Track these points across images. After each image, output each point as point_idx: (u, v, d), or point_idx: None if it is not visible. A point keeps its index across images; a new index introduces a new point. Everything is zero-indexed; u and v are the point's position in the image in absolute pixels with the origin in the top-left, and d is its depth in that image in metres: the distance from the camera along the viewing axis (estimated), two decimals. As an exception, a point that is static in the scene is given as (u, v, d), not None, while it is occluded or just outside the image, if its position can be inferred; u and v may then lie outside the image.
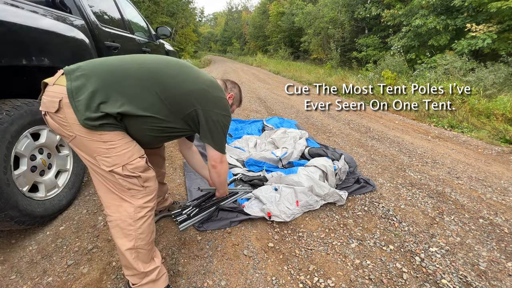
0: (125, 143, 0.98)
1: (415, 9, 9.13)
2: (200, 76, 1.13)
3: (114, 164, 0.96)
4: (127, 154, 0.98)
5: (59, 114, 0.92)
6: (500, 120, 3.87)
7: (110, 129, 0.94)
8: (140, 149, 1.05)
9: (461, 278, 1.33)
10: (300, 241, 1.57)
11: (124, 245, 1.02)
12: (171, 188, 2.12)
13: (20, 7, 1.48)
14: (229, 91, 1.42)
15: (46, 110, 0.95)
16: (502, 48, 6.92)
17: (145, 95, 0.98)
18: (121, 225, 1.01)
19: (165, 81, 1.02)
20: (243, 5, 59.61)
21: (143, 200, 1.03)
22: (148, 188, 1.05)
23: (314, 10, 18.04)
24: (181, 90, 1.04)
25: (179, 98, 1.05)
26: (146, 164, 1.04)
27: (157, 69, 1.03)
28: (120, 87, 0.95)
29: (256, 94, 6.53)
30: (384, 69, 7.64)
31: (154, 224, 1.10)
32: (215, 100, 1.13)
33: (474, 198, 2.08)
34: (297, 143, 2.65)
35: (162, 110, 1.02)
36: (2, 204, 1.28)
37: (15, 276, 1.29)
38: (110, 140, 0.95)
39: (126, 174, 0.98)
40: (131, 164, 0.98)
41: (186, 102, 1.06)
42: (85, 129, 0.91)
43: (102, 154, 0.95)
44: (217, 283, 1.28)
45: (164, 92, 1.01)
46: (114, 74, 0.96)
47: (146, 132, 1.04)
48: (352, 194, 2.06)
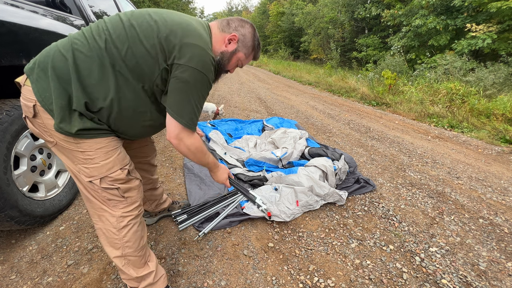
0: (105, 153, 0.91)
1: (415, 9, 9.14)
2: (170, 20, 0.90)
3: (91, 175, 0.91)
4: (106, 166, 0.91)
5: (37, 119, 0.86)
6: (500, 120, 3.87)
7: (88, 137, 0.87)
8: (123, 159, 0.97)
9: (461, 278, 1.33)
10: (300, 241, 1.57)
11: (112, 253, 1.02)
12: (171, 188, 2.12)
13: (20, 7, 1.48)
14: (232, 30, 1.02)
15: (25, 114, 0.88)
16: (502, 48, 6.93)
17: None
18: (106, 234, 0.99)
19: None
20: (243, 5, 59.60)
21: (124, 210, 0.98)
22: (129, 198, 0.99)
23: (314, 10, 18.06)
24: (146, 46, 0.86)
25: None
26: (127, 176, 0.97)
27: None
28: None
29: (256, 94, 6.53)
30: (384, 69, 7.64)
31: (143, 230, 1.07)
32: (183, 47, 0.87)
33: (474, 198, 2.08)
34: (297, 143, 2.65)
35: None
36: (2, 204, 1.28)
37: (15, 276, 1.29)
38: (87, 150, 0.88)
39: (104, 187, 0.92)
40: (110, 176, 0.92)
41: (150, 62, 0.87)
42: (63, 136, 0.86)
43: (80, 163, 0.90)
44: (217, 283, 1.28)
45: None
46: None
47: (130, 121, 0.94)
48: (352, 194, 2.06)
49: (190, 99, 0.91)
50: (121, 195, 0.97)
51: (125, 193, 0.97)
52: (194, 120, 0.94)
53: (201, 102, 0.95)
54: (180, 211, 1.72)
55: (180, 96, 0.90)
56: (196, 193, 1.97)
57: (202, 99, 0.95)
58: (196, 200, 1.87)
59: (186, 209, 1.74)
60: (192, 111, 0.93)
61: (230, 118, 3.81)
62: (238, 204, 1.82)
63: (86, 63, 0.83)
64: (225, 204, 1.80)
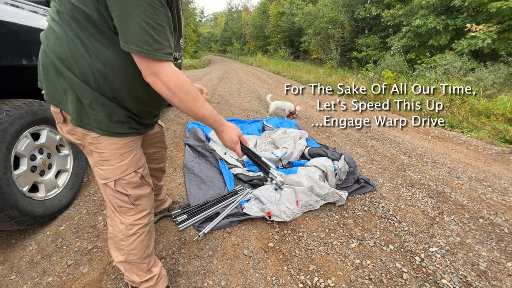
0: (120, 154, 0.90)
1: (415, 9, 9.14)
2: None
3: (107, 177, 0.91)
4: (121, 168, 0.91)
5: (67, 124, 0.88)
6: (500, 120, 3.87)
7: (105, 134, 0.86)
8: (138, 161, 0.96)
9: (461, 278, 1.33)
10: (300, 241, 1.57)
11: (117, 258, 1.03)
12: (171, 188, 2.12)
13: (20, 7, 1.48)
14: None
15: (57, 121, 0.90)
16: (502, 48, 6.93)
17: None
18: (114, 238, 1.01)
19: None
20: (243, 5, 59.64)
21: (134, 218, 0.99)
22: (140, 206, 0.99)
23: (314, 10, 18.06)
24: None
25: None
26: (140, 180, 0.96)
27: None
28: None
29: (256, 94, 6.53)
30: (384, 69, 7.64)
31: (150, 239, 1.07)
32: None
33: (474, 198, 2.08)
34: (297, 143, 2.65)
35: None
36: (2, 204, 1.28)
37: (15, 276, 1.29)
38: (103, 150, 0.88)
39: (118, 190, 0.93)
40: (124, 179, 0.92)
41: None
42: (82, 130, 0.86)
43: (96, 165, 0.91)
44: (217, 283, 1.28)
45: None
46: None
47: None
48: (352, 194, 2.06)
49: (131, 15, 0.66)
50: (132, 202, 0.96)
51: (135, 200, 0.97)
52: (151, 43, 0.69)
53: (152, 14, 0.68)
54: (180, 211, 1.72)
55: (120, 16, 0.68)
56: (196, 193, 1.97)
57: (153, 11, 0.68)
58: (196, 200, 1.87)
59: (186, 209, 1.74)
60: (143, 30, 0.68)
61: (230, 118, 3.81)
62: (238, 204, 1.82)
63: (58, 46, 0.78)
64: (225, 204, 1.80)
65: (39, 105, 1.57)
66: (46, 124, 1.62)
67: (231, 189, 2.02)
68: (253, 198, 1.89)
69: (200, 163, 2.45)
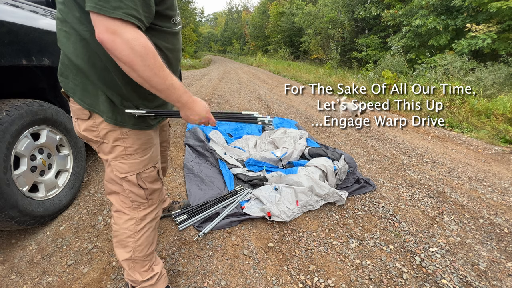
0: (143, 149, 0.94)
1: (415, 9, 9.13)
2: None
3: (129, 171, 0.92)
4: (144, 162, 0.94)
5: (90, 120, 0.88)
6: (500, 120, 3.87)
7: (134, 127, 0.89)
8: (156, 156, 1.00)
9: (461, 278, 1.33)
10: (300, 241, 1.57)
11: (122, 256, 1.03)
12: (171, 188, 2.12)
13: (20, 7, 1.48)
14: None
15: (77, 117, 0.89)
16: (502, 48, 6.92)
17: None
18: (120, 236, 1.01)
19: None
20: (243, 5, 59.68)
21: (144, 212, 1.01)
22: (151, 200, 1.02)
23: (314, 10, 18.05)
24: None
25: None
26: (157, 174, 1.00)
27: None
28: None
29: (256, 94, 6.53)
30: (384, 69, 7.64)
31: (154, 237, 1.09)
32: None
33: (474, 198, 2.08)
34: (297, 143, 2.65)
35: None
36: (2, 204, 1.28)
37: (15, 276, 1.29)
38: (130, 145, 0.91)
39: (139, 184, 0.95)
40: (145, 173, 0.95)
41: None
42: (111, 126, 0.87)
43: (118, 159, 0.92)
44: (217, 283, 1.28)
45: None
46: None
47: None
48: (352, 194, 2.06)
49: None
50: (146, 196, 0.99)
51: (150, 195, 1.00)
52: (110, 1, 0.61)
53: None
54: (180, 211, 1.72)
55: None
56: (196, 193, 1.97)
57: None
58: (196, 200, 1.87)
59: (186, 209, 1.74)
60: None
61: (230, 118, 3.80)
62: (238, 204, 1.82)
63: (67, 46, 0.79)
64: (225, 204, 1.80)
65: (39, 105, 1.57)
66: (46, 124, 1.62)
67: (231, 189, 2.02)
68: (253, 198, 1.89)
69: (200, 163, 2.45)
